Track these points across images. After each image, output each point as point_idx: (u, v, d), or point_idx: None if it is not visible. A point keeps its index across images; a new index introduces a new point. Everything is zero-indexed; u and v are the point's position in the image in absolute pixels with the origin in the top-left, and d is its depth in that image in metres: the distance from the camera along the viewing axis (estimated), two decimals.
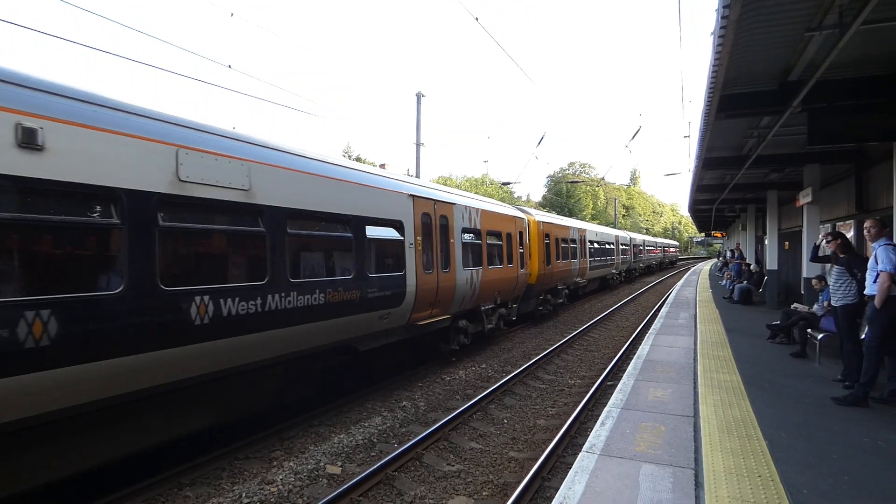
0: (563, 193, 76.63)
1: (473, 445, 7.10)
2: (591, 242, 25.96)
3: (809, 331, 8.71)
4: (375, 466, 5.97)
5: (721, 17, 4.82)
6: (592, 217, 74.08)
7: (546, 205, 71.40)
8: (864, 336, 6.38)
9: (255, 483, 5.83)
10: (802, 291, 12.33)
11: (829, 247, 7.05)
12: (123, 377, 4.85)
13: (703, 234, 52.18)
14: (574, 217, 48.69)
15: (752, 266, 19.94)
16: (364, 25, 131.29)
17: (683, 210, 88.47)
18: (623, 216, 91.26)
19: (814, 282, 9.63)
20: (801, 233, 12.70)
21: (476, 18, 11.02)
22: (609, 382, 9.64)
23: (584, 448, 4.81)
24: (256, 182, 6.15)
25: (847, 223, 12.67)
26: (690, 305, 16.65)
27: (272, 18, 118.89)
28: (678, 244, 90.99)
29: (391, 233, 8.96)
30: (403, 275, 9.06)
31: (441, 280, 10.34)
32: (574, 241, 22.43)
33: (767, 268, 17.40)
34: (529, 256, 16.32)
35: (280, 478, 5.93)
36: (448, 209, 10.98)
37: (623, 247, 35.29)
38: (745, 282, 17.76)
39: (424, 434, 7.00)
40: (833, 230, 7.82)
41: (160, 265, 5.06)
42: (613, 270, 31.76)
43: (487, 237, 12.81)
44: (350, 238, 7.82)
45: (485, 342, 13.75)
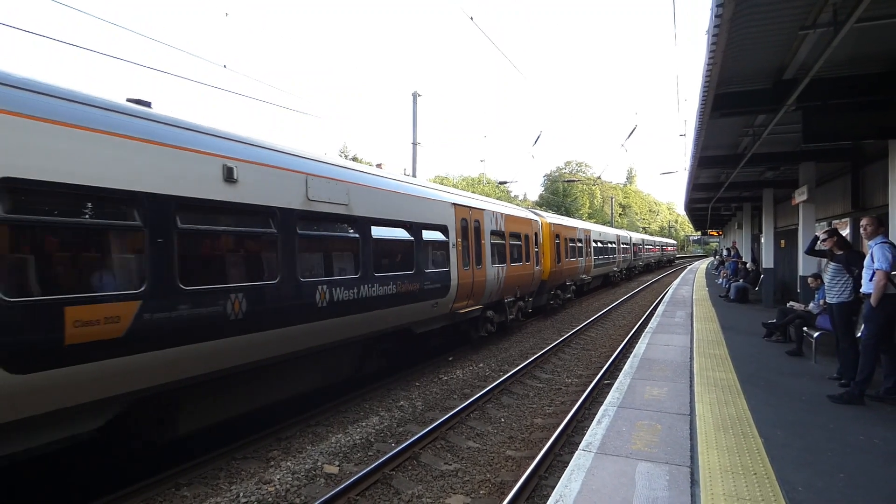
0: (560, 192, 76.67)
1: (471, 444, 7.10)
2: (595, 242, 27.29)
3: (805, 329, 8.73)
4: (373, 466, 5.97)
5: (715, 16, 4.83)
6: (589, 216, 74.19)
7: (543, 204, 71.43)
8: (861, 334, 6.41)
9: (253, 483, 5.82)
10: (798, 289, 12.37)
11: (825, 244, 7.07)
12: (280, 343, 6.61)
13: (700, 233, 52.31)
14: (571, 216, 48.79)
15: (749, 264, 20.00)
16: (360, 25, 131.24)
17: (680, 209, 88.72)
18: (619, 215, 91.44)
19: (810, 280, 9.66)
20: (797, 231, 12.74)
21: (471, 18, 11.04)
22: (606, 381, 9.66)
23: (581, 446, 4.81)
24: (352, 199, 7.97)
25: (843, 221, 12.71)
26: (687, 304, 16.69)
27: (267, 18, 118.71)
28: (676, 243, 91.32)
29: (439, 235, 10.61)
30: (448, 270, 10.74)
31: (475, 275, 12.04)
32: (580, 241, 23.81)
33: (763, 266, 17.45)
34: (542, 255, 17.83)
35: (278, 477, 5.93)
36: (480, 214, 12.73)
37: (624, 246, 36.51)
38: (742, 280, 17.82)
39: (422, 433, 7.01)
40: (829, 228, 7.83)
41: (299, 262, 6.79)
42: (615, 268, 33.12)
43: (510, 238, 14.52)
44: (412, 240, 9.55)
45: (499, 335, 14.81)
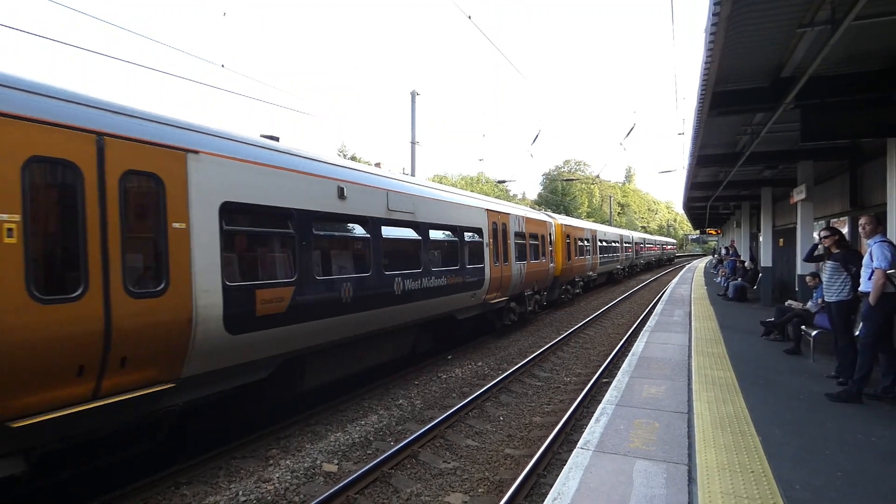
0: (559, 191, 76.72)
1: (469, 443, 7.11)
2: (601, 241, 29.25)
3: (803, 327, 8.75)
4: (372, 464, 5.98)
5: (712, 14, 4.83)
6: (588, 215, 74.22)
7: (541, 203, 71.48)
8: (859, 332, 6.41)
9: (252, 481, 5.83)
10: (797, 288, 12.38)
11: (826, 242, 7.06)
12: (371, 322, 8.52)
13: (698, 232, 52.35)
14: (570, 215, 48.89)
15: (747, 263, 20.01)
16: (357, 24, 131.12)
17: (678, 207, 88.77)
18: (618, 214, 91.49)
19: (808, 279, 9.67)
20: (796, 230, 12.75)
21: (469, 17, 11.04)
22: (604, 379, 9.67)
23: (579, 444, 4.83)
24: (416, 208, 9.94)
25: (841, 220, 12.72)
26: (685, 303, 16.71)
27: (265, 18, 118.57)
28: (675, 242, 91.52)
29: (476, 237, 12.44)
30: (483, 266, 12.57)
31: (503, 271, 13.90)
32: (587, 241, 25.77)
33: (762, 265, 17.46)
34: (555, 253, 19.86)
35: (277, 476, 5.93)
36: (506, 218, 14.65)
37: (626, 245, 38.48)
38: (740, 279, 17.83)
39: (421, 432, 7.02)
40: (828, 226, 7.84)
41: (383, 259, 8.72)
42: (618, 266, 35.10)
43: (529, 238, 16.40)
44: (457, 241, 11.47)
45: (518, 325, 16.54)
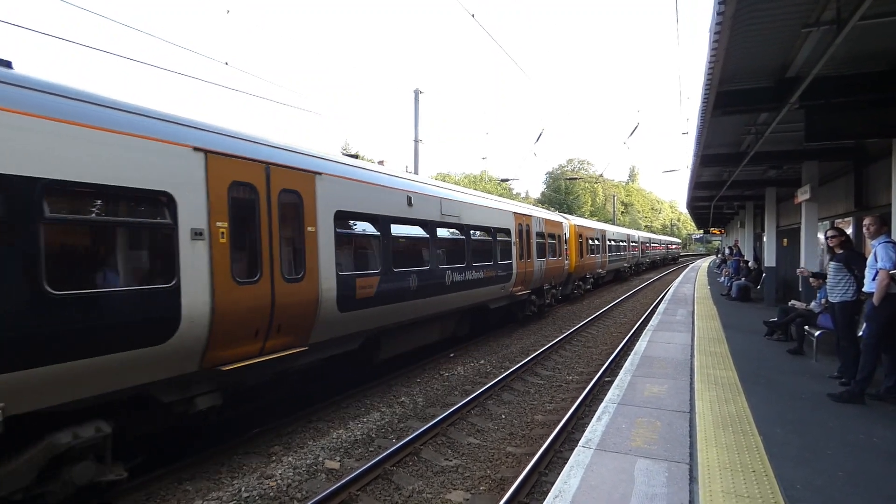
0: (562, 190, 76.65)
1: (471, 441, 7.13)
2: (610, 241, 31.00)
3: (807, 328, 8.73)
4: (374, 461, 6.01)
5: (717, 14, 4.83)
6: (591, 214, 74.11)
7: (545, 201, 71.43)
8: (862, 333, 6.40)
9: (255, 477, 5.86)
10: (800, 288, 12.35)
11: (832, 242, 7.04)
12: (428, 307, 10.26)
13: (702, 232, 52.21)
14: (573, 214, 48.98)
15: (751, 263, 19.97)
16: (361, 22, 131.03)
17: (682, 207, 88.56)
18: (622, 213, 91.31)
19: (811, 279, 9.65)
20: (800, 230, 12.72)
21: (472, 15, 11.03)
22: (606, 378, 9.68)
23: (581, 443, 4.84)
24: (462, 212, 11.82)
25: (846, 220, 12.68)
26: (688, 302, 16.69)
27: (269, 15, 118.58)
28: (680, 241, 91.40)
29: (505, 237, 14.25)
30: (511, 262, 14.35)
31: (527, 266, 15.71)
32: (598, 240, 27.50)
33: (765, 265, 17.42)
34: (569, 252, 21.69)
35: (279, 472, 5.96)
36: (529, 220, 16.48)
37: (633, 244, 40.55)
38: (743, 279, 17.79)
39: (423, 429, 7.04)
40: (834, 227, 7.81)
41: (437, 255, 10.56)
42: (625, 264, 37.09)
43: (548, 238, 18.27)
44: (491, 240, 13.31)
45: (536, 317, 18.24)
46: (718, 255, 38.80)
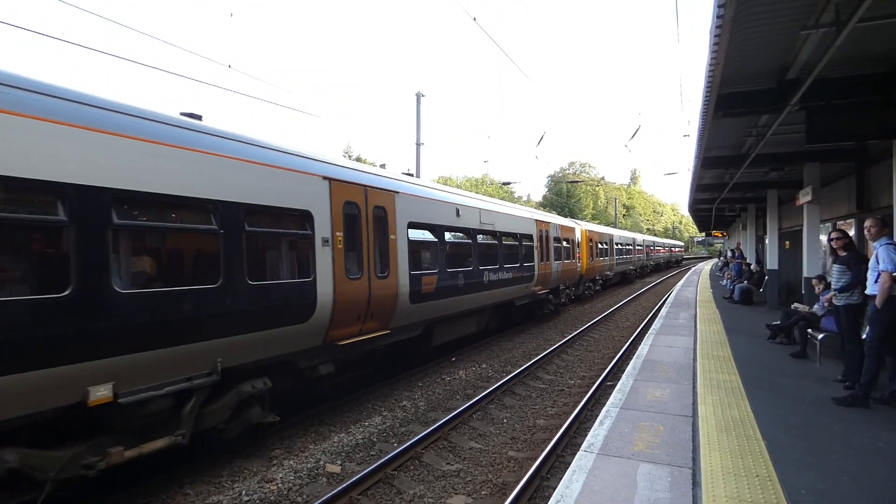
0: (564, 193, 76.65)
1: (473, 445, 7.10)
2: (617, 244, 32.82)
3: (810, 331, 8.69)
4: (375, 465, 5.99)
5: (717, 17, 4.82)
6: (593, 217, 74.05)
7: (546, 205, 71.42)
8: (866, 336, 6.37)
9: (255, 481, 5.84)
10: (803, 291, 12.31)
11: (836, 244, 7.01)
12: (471, 302, 11.87)
13: (704, 234, 52.12)
14: (575, 217, 48.96)
15: (753, 266, 19.91)
16: (362, 25, 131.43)
17: (684, 210, 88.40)
18: (623, 216, 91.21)
19: (814, 282, 9.61)
20: (802, 232, 12.68)
21: (474, 18, 11.05)
22: (609, 382, 9.64)
23: (583, 447, 4.81)
24: (496, 221, 13.57)
25: (848, 222, 12.64)
26: (691, 305, 16.64)
27: (271, 19, 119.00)
28: (683, 244, 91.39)
29: (528, 241, 15.88)
30: (533, 264, 15.99)
31: (546, 268, 17.37)
32: (606, 244, 29.18)
33: (768, 267, 17.37)
34: (581, 255, 23.26)
35: (280, 476, 5.95)
36: (548, 226, 18.21)
37: (638, 247, 42.51)
38: (746, 282, 17.73)
39: (424, 433, 7.02)
40: (838, 228, 7.78)
41: (478, 258, 12.13)
42: (631, 266, 38.88)
43: (563, 242, 20.08)
44: (518, 244, 14.97)
45: (552, 315, 20.20)
46: (720, 258, 38.75)
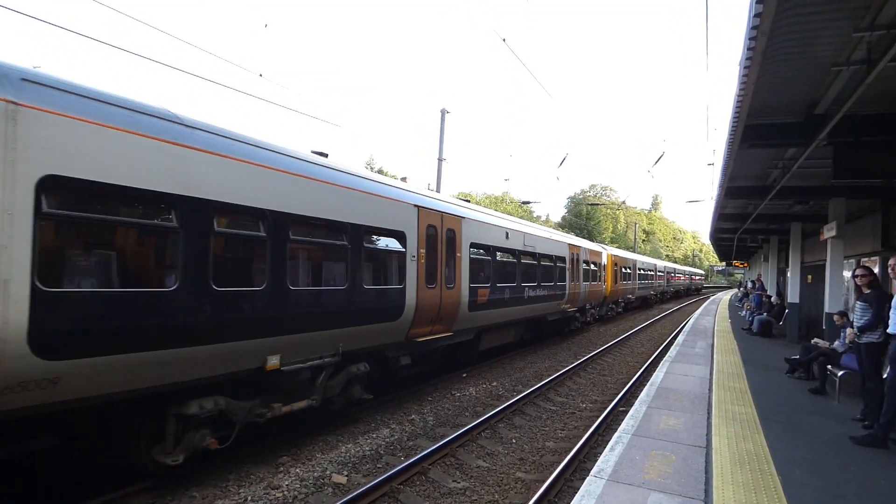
0: (583, 215, 76.29)
1: (480, 463, 7.05)
2: (640, 269, 34.47)
3: (829, 367, 8.52)
4: (381, 478, 5.97)
5: (747, 49, 4.84)
6: (612, 241, 73.55)
7: (565, 226, 71.13)
8: (886, 375, 6.24)
9: (261, 487, 5.87)
10: (824, 327, 12.08)
11: (860, 281, 6.91)
12: (515, 313, 13.73)
13: (725, 264, 51.46)
14: (593, 240, 48.79)
15: (773, 298, 19.60)
16: (391, 40, 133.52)
17: (704, 238, 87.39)
18: (643, 241, 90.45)
19: (836, 317, 9.44)
20: (825, 267, 12.48)
21: (504, 40, 11.20)
22: (621, 408, 9.52)
23: (592, 472, 4.77)
24: (536, 244, 15.20)
25: (872, 259, 12.41)
26: (708, 335, 16.41)
27: (303, 31, 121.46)
28: (704, 273, 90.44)
29: (561, 263, 17.63)
30: (565, 284, 17.81)
31: (576, 288, 19.33)
32: (630, 269, 30.78)
33: (789, 301, 17.08)
34: (606, 278, 24.82)
35: (286, 484, 5.97)
36: (578, 250, 20.13)
37: (659, 273, 44.18)
38: (765, 314, 17.46)
39: (432, 449, 6.99)
40: (862, 265, 7.67)
41: (521, 275, 13.92)
42: (652, 292, 40.54)
43: (591, 265, 21.87)
44: (552, 265, 16.56)
45: (579, 331, 22.05)
46: (740, 289, 38.18)
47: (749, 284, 28.69)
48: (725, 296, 50.18)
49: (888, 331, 6.10)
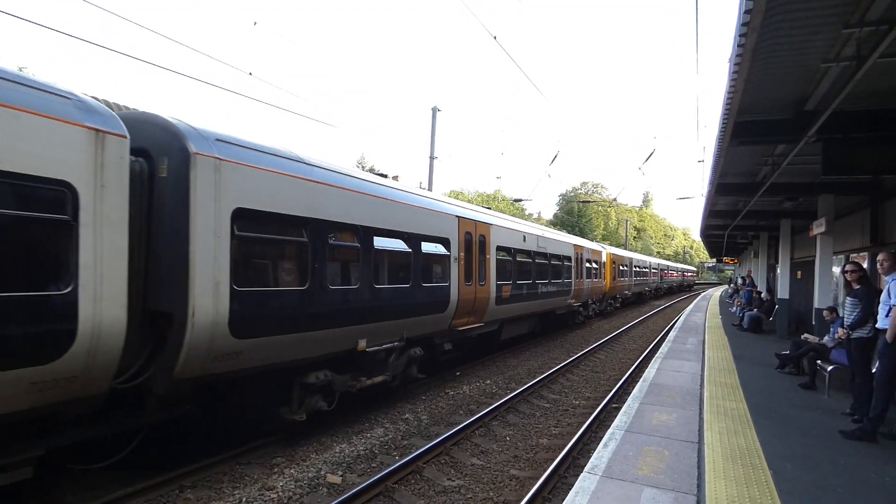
0: (575, 213, 76.50)
1: (475, 461, 7.06)
2: (636, 267, 36.41)
3: (819, 362, 8.61)
4: (376, 478, 5.97)
5: (737, 45, 4.86)
6: (603, 238, 73.81)
7: (557, 223, 71.28)
8: (875, 370, 6.31)
9: (256, 488, 5.84)
10: (813, 322, 12.19)
11: (850, 276, 6.98)
12: (531, 306, 15.75)
13: (715, 260, 51.81)
14: (585, 237, 49.04)
15: (763, 294, 19.75)
16: (381, 38, 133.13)
17: (695, 235, 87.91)
18: (634, 238, 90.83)
19: (825, 313, 9.53)
20: (814, 263, 12.59)
21: (495, 37, 11.18)
22: (614, 404, 9.57)
23: (586, 469, 4.79)
24: (548, 245, 17.03)
25: (861, 255, 12.53)
26: (699, 331, 16.52)
27: (292, 29, 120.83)
28: (696, 269, 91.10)
29: (568, 262, 19.44)
30: (571, 281, 19.62)
31: (580, 284, 21.11)
32: (626, 266, 32.82)
33: (779, 297, 17.22)
34: (605, 275, 26.51)
35: (280, 484, 5.95)
36: (582, 249, 21.87)
37: (654, 270, 46.06)
38: (756, 310, 17.60)
39: (426, 447, 7.00)
40: (852, 261, 7.73)
41: (537, 273, 15.95)
42: (647, 288, 42.45)
43: (593, 263, 23.63)
44: (560, 264, 18.36)
45: (582, 325, 23.70)
46: (731, 285, 38.46)
47: (739, 281, 28.88)
48: (716, 292, 50.57)
49: (877, 325, 6.17)
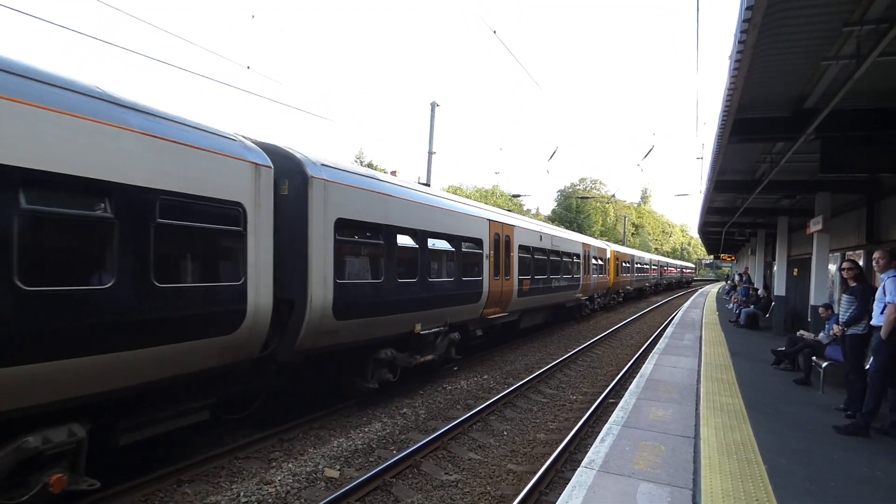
0: (573, 208, 76.54)
1: (472, 456, 7.10)
2: (637, 264, 38.32)
3: (814, 358, 8.66)
4: (373, 472, 6.00)
5: (738, 42, 4.86)
6: (601, 234, 73.85)
7: (555, 219, 71.30)
8: (869, 366, 6.36)
9: (254, 483, 5.86)
10: (809, 319, 12.25)
11: (846, 274, 7.02)
12: (547, 299, 17.54)
13: (712, 257, 51.98)
14: (583, 233, 49.14)
15: (760, 291, 19.83)
16: (379, 32, 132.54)
17: (693, 231, 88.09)
18: (632, 234, 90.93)
19: (821, 310, 9.58)
20: (811, 260, 12.64)
21: (494, 31, 11.16)
22: (611, 400, 9.61)
23: (583, 463, 4.82)
24: (560, 244, 18.87)
25: (857, 253, 12.59)
26: (696, 327, 16.58)
27: (290, 22, 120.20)
28: (694, 266, 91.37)
29: (577, 259, 21.17)
30: (579, 276, 21.30)
31: (587, 279, 22.75)
32: (629, 263, 34.81)
33: (775, 294, 17.28)
34: (609, 271, 28.07)
35: (278, 479, 5.97)
36: (589, 247, 23.56)
37: (654, 267, 47.78)
38: (752, 306, 17.67)
39: (423, 442, 7.03)
40: (849, 259, 7.76)
41: (551, 268, 17.67)
42: (647, 284, 44.11)
43: (598, 260, 25.35)
44: (570, 261, 19.85)
45: (586, 317, 25.12)
46: (728, 282, 38.59)
47: (736, 277, 29.01)
48: (713, 289, 50.72)
49: (871, 322, 6.22)
